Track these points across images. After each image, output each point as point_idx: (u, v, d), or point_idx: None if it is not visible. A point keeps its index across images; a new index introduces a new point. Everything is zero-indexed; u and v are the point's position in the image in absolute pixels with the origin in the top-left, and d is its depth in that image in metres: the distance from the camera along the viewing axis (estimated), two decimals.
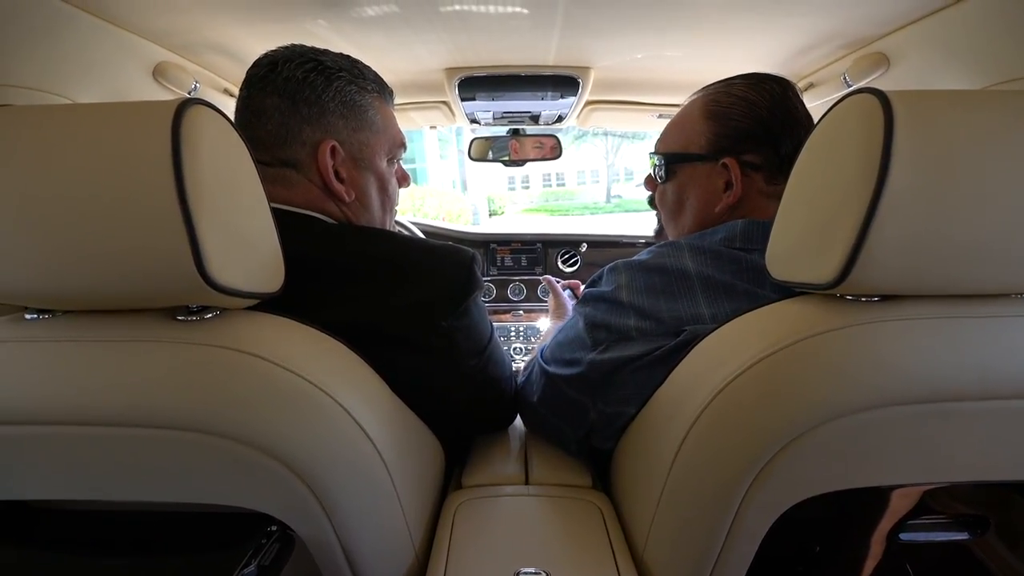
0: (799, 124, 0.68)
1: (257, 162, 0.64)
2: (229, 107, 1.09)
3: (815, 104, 1.13)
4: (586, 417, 0.70)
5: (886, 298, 0.48)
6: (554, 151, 1.64)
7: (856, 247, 0.42)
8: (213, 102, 0.44)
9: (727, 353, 0.51)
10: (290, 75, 0.65)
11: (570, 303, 1.30)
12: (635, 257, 0.69)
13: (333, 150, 0.67)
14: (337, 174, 0.67)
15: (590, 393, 0.68)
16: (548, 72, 1.16)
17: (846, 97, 0.44)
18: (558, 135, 1.65)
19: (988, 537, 0.57)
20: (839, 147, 0.44)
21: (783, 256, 0.52)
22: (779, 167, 0.68)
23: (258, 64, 0.67)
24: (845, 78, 0.99)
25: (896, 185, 0.40)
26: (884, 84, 0.82)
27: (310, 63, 0.66)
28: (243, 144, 0.46)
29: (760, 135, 0.68)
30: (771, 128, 0.68)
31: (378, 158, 0.72)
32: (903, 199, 0.40)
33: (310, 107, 0.65)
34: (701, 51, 1.06)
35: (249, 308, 0.51)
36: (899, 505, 0.55)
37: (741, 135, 0.69)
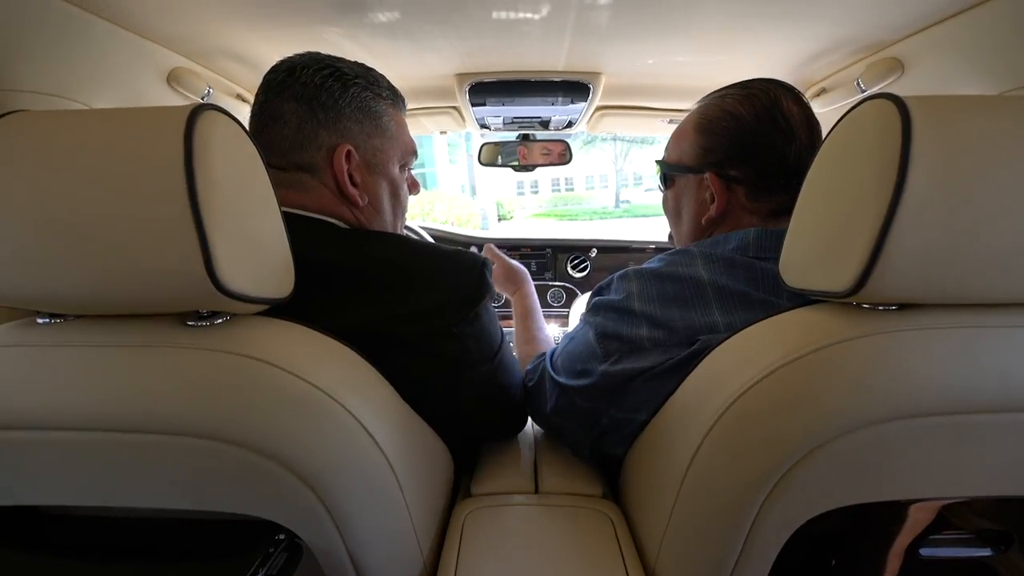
0: (787, 135, 0.66)
1: (271, 167, 0.65)
2: (242, 113, 1.10)
3: (827, 110, 1.12)
4: (598, 421, 0.69)
5: (904, 307, 0.47)
6: (563, 156, 1.64)
7: (874, 254, 0.41)
8: (226, 108, 0.44)
9: (742, 362, 0.50)
10: (308, 80, 0.66)
11: (518, 264, 1.27)
12: (646, 264, 0.68)
13: (348, 154, 0.67)
14: (351, 178, 0.68)
15: (604, 401, 0.67)
16: (559, 78, 1.16)
17: (862, 103, 0.43)
18: (568, 140, 1.65)
19: (1011, 554, 0.55)
20: (855, 153, 0.43)
21: (798, 263, 0.51)
22: (761, 184, 0.68)
23: (276, 70, 0.68)
24: (859, 83, 0.98)
25: (914, 192, 0.39)
26: (898, 89, 0.81)
27: (327, 69, 0.67)
28: (255, 149, 0.46)
29: (742, 152, 0.68)
30: (753, 145, 0.67)
31: (391, 164, 0.73)
32: (922, 206, 0.40)
33: (327, 112, 0.66)
34: (712, 56, 1.05)
35: (259, 313, 0.51)
36: (918, 519, 0.54)
37: (724, 150, 0.69)
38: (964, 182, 0.40)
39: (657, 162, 0.81)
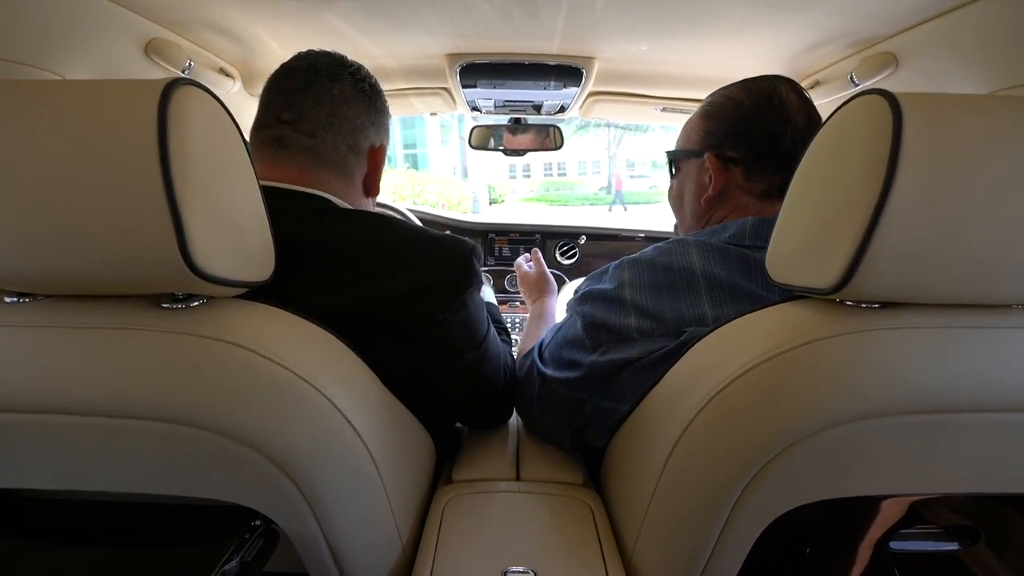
0: (784, 119, 0.68)
1: (316, 155, 0.68)
2: (226, 88, 1.07)
3: (820, 103, 1.11)
4: (581, 411, 0.69)
5: (886, 305, 0.47)
6: (555, 142, 1.62)
7: (859, 252, 0.41)
8: (208, 82, 0.42)
9: (724, 355, 0.51)
10: (364, 78, 0.74)
11: (551, 278, 1.25)
12: (641, 253, 0.68)
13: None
14: None
15: (588, 390, 0.67)
16: (552, 61, 1.14)
17: (854, 98, 0.43)
18: (560, 124, 1.63)
19: (978, 547, 0.57)
20: (845, 148, 0.43)
21: (784, 258, 0.50)
22: (756, 164, 0.70)
23: (328, 56, 0.73)
24: (852, 77, 0.98)
25: (902, 190, 0.39)
26: (892, 84, 0.81)
27: (372, 77, 0.76)
28: (234, 126, 0.45)
29: (739, 131, 0.71)
30: (750, 127, 0.70)
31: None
32: (909, 204, 0.39)
33: (377, 113, 0.75)
34: (706, 45, 1.04)
35: (238, 296, 0.50)
36: (890, 513, 0.55)
37: (724, 132, 0.72)
38: (952, 182, 0.39)
39: (667, 152, 0.84)
